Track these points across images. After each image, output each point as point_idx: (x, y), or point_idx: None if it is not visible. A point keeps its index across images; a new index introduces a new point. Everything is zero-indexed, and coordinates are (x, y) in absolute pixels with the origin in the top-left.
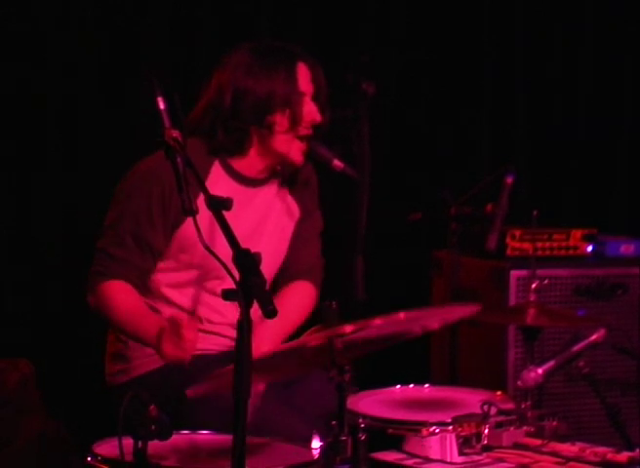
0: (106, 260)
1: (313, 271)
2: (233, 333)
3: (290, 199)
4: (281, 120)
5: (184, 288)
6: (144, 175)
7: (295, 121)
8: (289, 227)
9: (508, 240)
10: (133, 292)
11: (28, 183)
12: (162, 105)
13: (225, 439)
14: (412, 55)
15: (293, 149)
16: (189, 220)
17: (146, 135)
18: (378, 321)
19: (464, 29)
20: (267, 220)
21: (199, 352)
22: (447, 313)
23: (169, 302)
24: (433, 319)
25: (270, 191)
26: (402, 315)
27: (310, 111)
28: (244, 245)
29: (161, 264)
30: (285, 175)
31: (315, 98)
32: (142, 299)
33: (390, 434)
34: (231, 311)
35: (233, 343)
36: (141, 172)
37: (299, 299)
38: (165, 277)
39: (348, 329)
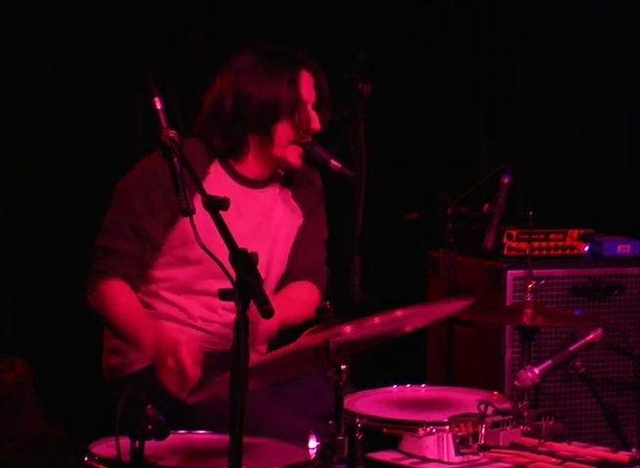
0: (106, 256)
1: (316, 274)
2: (228, 333)
3: (293, 202)
4: (282, 128)
5: (180, 285)
6: (146, 173)
7: (296, 129)
8: (292, 229)
9: (505, 240)
10: (131, 294)
11: (27, 183)
12: (159, 105)
13: (222, 438)
14: (410, 54)
15: (289, 154)
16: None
17: (146, 135)
18: (376, 319)
19: (463, 28)
20: (270, 221)
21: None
22: (442, 309)
23: (164, 300)
24: (428, 316)
25: (272, 193)
26: (399, 313)
27: (311, 119)
28: (245, 244)
29: (159, 260)
30: (285, 177)
31: (317, 107)
32: (139, 301)
33: (387, 433)
34: (227, 310)
35: (227, 343)
36: (143, 170)
37: (303, 294)
38: (162, 273)
39: (348, 329)
